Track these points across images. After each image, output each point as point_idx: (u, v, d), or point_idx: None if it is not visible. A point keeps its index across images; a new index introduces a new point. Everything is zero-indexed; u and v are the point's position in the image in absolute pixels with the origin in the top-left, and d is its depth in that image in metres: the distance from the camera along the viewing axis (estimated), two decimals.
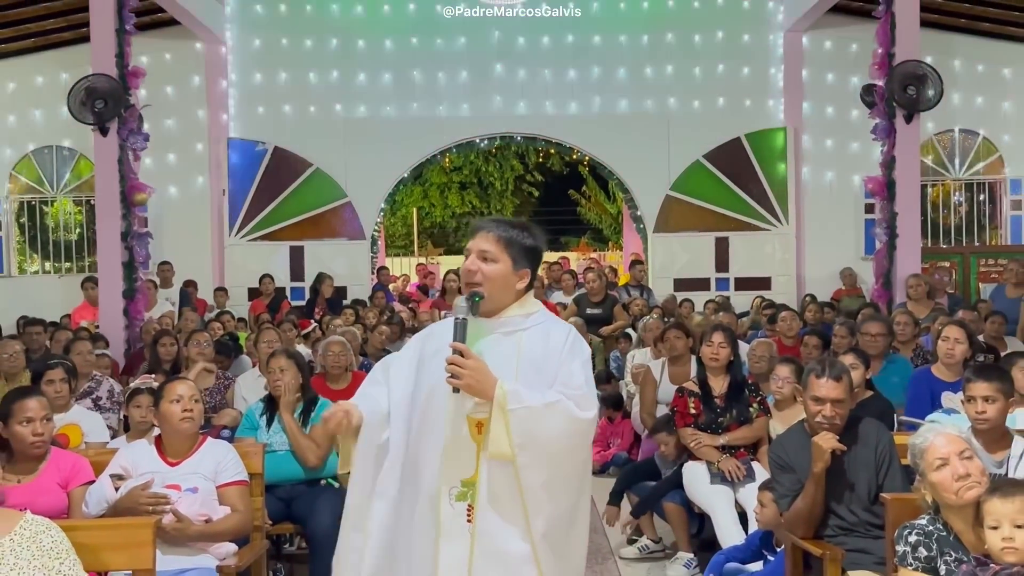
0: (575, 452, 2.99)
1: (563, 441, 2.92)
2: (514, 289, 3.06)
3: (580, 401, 2.93)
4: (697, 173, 13.93)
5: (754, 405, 6.07)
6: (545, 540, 2.91)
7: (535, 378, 2.96)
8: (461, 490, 2.92)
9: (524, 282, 3.08)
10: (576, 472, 3.03)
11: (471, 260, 3.04)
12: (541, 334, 3.06)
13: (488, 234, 3.04)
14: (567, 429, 2.91)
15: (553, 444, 2.90)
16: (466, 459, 2.93)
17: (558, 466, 2.93)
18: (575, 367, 3.00)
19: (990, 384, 4.10)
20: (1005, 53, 14.01)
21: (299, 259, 13.80)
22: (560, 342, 3.04)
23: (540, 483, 2.89)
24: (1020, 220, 14.43)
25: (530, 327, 3.07)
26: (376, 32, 13.88)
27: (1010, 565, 2.91)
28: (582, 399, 2.94)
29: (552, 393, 2.92)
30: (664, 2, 13.97)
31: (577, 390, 2.95)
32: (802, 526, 4.13)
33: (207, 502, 4.05)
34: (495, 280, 3.00)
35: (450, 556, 2.90)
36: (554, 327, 3.12)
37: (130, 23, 10.04)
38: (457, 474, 2.93)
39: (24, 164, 14.12)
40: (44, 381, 5.55)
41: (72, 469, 4.15)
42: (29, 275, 14.52)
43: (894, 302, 9.80)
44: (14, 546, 2.87)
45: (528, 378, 2.96)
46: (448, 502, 2.92)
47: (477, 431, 2.92)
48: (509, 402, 2.84)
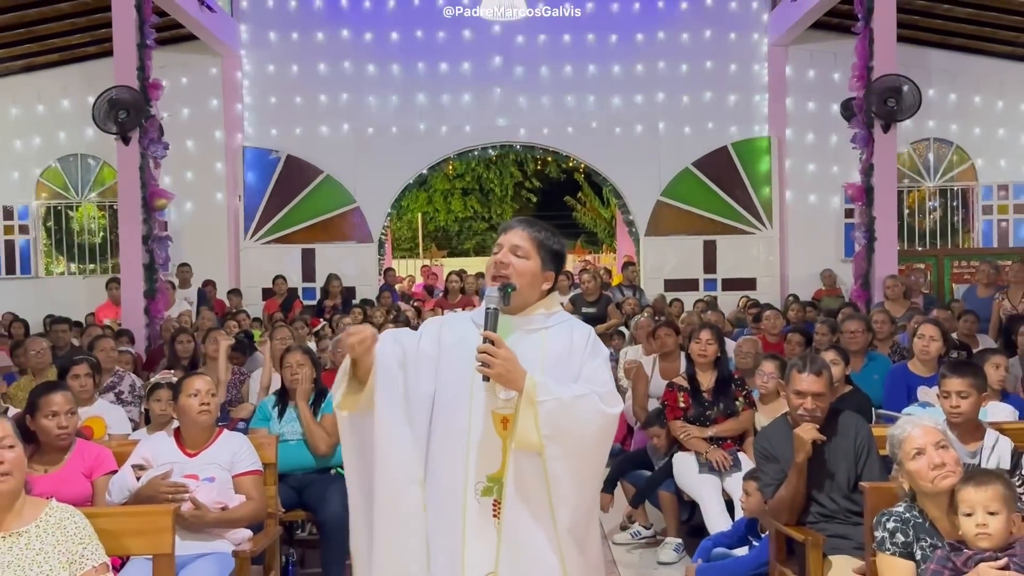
0: (600, 446, 2.91)
1: (590, 435, 2.83)
2: (540, 288, 2.95)
3: (606, 397, 2.85)
4: (686, 180, 13.93)
5: (740, 399, 6.08)
6: (569, 533, 2.81)
7: (559, 374, 2.85)
8: (487, 485, 2.80)
9: (549, 283, 2.98)
10: (599, 466, 2.98)
11: (503, 253, 2.89)
12: (564, 332, 2.95)
13: (522, 231, 2.93)
14: (594, 423, 2.82)
15: (580, 437, 2.80)
16: (492, 454, 2.81)
17: (584, 459, 2.83)
18: (598, 365, 2.92)
19: (964, 380, 4.12)
20: (977, 67, 14.01)
21: (310, 261, 13.79)
22: (583, 341, 2.95)
23: (567, 475, 2.78)
24: (991, 224, 14.44)
25: (553, 326, 2.96)
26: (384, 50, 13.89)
27: (983, 550, 2.91)
28: (608, 395, 2.86)
29: (580, 387, 2.82)
30: (654, 9, 13.98)
31: (603, 387, 2.86)
32: (785, 513, 4.13)
33: (223, 491, 4.05)
34: (525, 276, 2.89)
35: (477, 552, 2.77)
36: (576, 327, 3.02)
37: (150, 38, 10.06)
38: (483, 469, 2.80)
39: (51, 171, 14.11)
40: (70, 376, 5.54)
41: (96, 459, 4.15)
42: (55, 276, 14.52)
43: (872, 302, 9.80)
44: (40, 532, 2.86)
45: (552, 374, 2.84)
46: (474, 497, 2.79)
47: (502, 427, 2.80)
48: (539, 394, 2.72)
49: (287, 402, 5.50)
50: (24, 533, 2.84)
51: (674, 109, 14.00)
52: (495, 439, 2.80)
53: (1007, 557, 2.87)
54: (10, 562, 2.78)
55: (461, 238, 29.58)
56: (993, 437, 4.15)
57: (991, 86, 14.08)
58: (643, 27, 13.96)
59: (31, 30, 12.57)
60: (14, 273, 14.15)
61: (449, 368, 2.88)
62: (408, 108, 13.94)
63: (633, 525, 6.35)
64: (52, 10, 12.08)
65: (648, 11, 13.97)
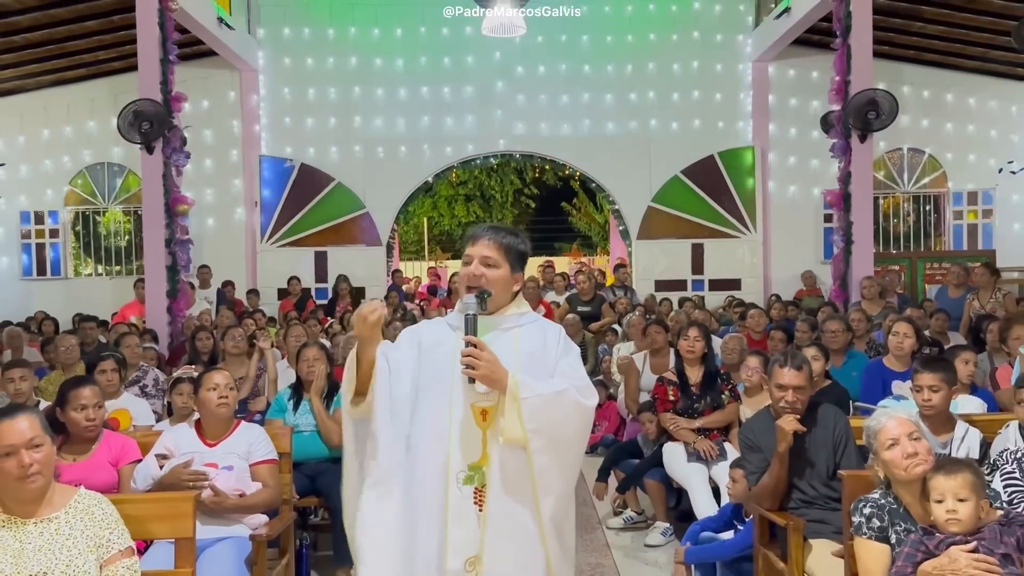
0: (580, 437, 2.91)
1: (570, 427, 2.84)
2: (511, 291, 2.97)
3: (583, 390, 2.86)
4: (675, 187, 13.94)
5: (726, 392, 6.08)
6: (551, 521, 2.83)
7: (535, 370, 2.86)
8: (468, 474, 2.78)
9: (519, 284, 3.01)
10: (578, 457, 2.94)
11: (475, 266, 2.92)
12: (537, 331, 2.97)
13: (490, 241, 2.94)
14: (574, 415, 2.83)
15: (562, 429, 2.81)
16: (472, 445, 2.80)
17: (566, 449, 2.84)
18: (573, 361, 2.94)
19: (936, 375, 4.12)
20: (948, 80, 14.02)
21: (323, 263, 13.79)
22: (556, 339, 2.96)
23: (551, 466, 2.79)
24: (962, 228, 14.45)
25: (525, 324, 2.97)
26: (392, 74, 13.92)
27: (954, 534, 2.91)
28: (584, 388, 2.87)
29: (559, 381, 2.83)
30: (646, 36, 13.98)
31: (580, 380, 2.88)
32: (768, 499, 4.13)
33: (241, 478, 4.05)
34: (497, 283, 2.91)
35: (459, 536, 2.77)
36: (548, 326, 3.04)
37: (173, 54, 10.07)
38: (465, 459, 2.79)
39: (79, 178, 14.13)
40: (97, 371, 5.56)
41: (122, 449, 4.15)
42: (83, 277, 14.51)
43: (850, 301, 9.80)
44: (69, 518, 2.86)
45: (529, 369, 2.84)
46: (456, 485, 2.77)
47: (482, 418, 2.80)
48: (522, 391, 2.73)
49: (302, 395, 5.52)
50: (55, 519, 2.84)
51: (664, 120, 14.02)
52: (475, 431, 2.81)
53: (976, 541, 2.87)
54: (41, 546, 2.78)
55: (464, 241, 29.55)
56: (963, 428, 4.16)
57: (961, 98, 14.10)
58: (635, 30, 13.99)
59: (61, 46, 12.58)
60: (45, 274, 14.18)
61: (430, 368, 2.89)
62: (414, 130, 13.97)
63: (625, 511, 6.36)
64: (80, 28, 12.09)
65: (640, 15, 13.99)
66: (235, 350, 7.12)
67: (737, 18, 14.06)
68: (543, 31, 13.77)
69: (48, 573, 2.74)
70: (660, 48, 13.98)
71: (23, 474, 2.78)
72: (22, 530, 2.80)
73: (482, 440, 2.80)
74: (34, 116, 13.88)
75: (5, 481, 2.80)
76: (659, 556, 5.72)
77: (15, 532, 2.79)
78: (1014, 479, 3.25)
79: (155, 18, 9.84)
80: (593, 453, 8.41)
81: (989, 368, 6.16)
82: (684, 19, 14.00)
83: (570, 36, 13.93)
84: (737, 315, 9.75)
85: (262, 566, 3.84)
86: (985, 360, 6.38)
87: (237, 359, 7.09)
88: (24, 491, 2.81)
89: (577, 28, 13.92)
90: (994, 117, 14.15)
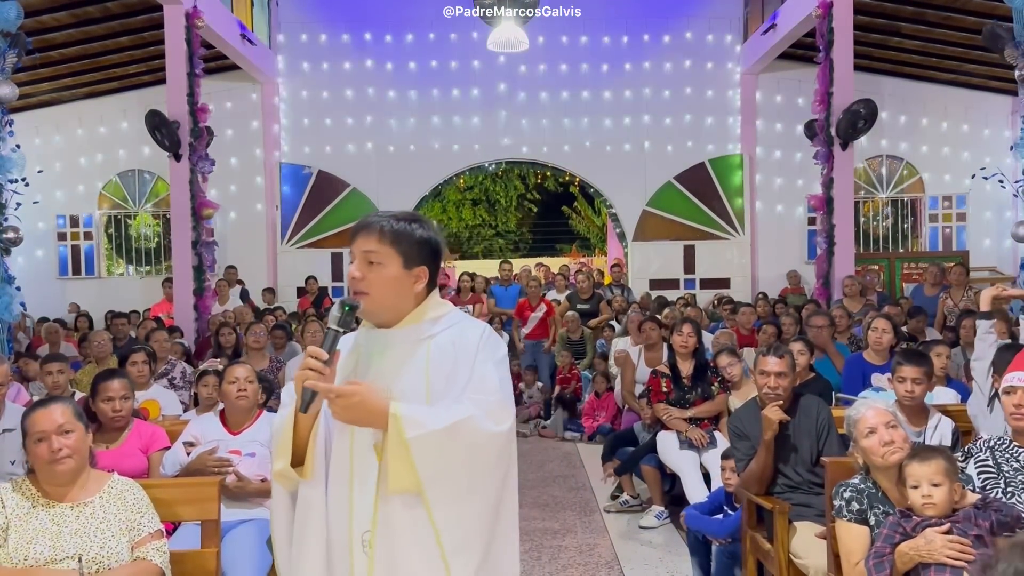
0: (496, 470, 2.08)
1: (480, 463, 2.04)
2: (411, 292, 2.15)
3: (493, 410, 2.06)
4: (669, 192, 13.92)
5: (715, 384, 6.09)
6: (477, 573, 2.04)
7: (447, 390, 2.09)
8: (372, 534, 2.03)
9: (422, 282, 2.16)
10: (501, 499, 2.10)
11: (355, 265, 2.13)
12: (451, 338, 2.16)
13: (369, 233, 2.12)
14: (483, 449, 2.04)
15: (470, 469, 2.02)
16: None
17: (480, 495, 2.05)
18: (488, 369, 2.12)
19: (917, 368, 4.14)
20: (925, 92, 13.99)
21: (339, 263, 13.79)
22: (472, 343, 2.16)
23: (461, 520, 2.01)
24: (937, 231, 14.42)
25: (438, 332, 2.17)
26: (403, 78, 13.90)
27: (929, 517, 2.91)
28: (496, 407, 2.07)
29: (458, 408, 2.03)
30: (640, 64, 13.97)
31: (491, 395, 2.08)
32: (755, 485, 4.13)
33: (263, 464, 4.04)
34: (384, 286, 2.10)
35: None
36: (468, 328, 2.21)
37: (199, 68, 10.09)
38: (367, 515, 2.03)
39: (111, 184, 14.16)
40: (128, 363, 5.58)
41: (151, 437, 4.16)
42: (115, 276, 14.54)
43: (832, 299, 9.78)
44: (103, 502, 2.87)
45: (438, 392, 2.09)
46: (362, 550, 2.03)
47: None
48: (407, 428, 1.95)
49: None
50: (89, 503, 2.85)
51: (658, 129, 13.99)
52: None
53: (950, 523, 2.87)
54: (77, 529, 2.79)
55: (471, 243, 29.57)
56: (936, 418, 4.16)
57: (937, 109, 14.07)
58: (631, 58, 13.95)
59: (95, 61, 12.61)
60: (80, 274, 14.20)
61: None
62: (424, 129, 13.94)
63: (622, 495, 6.37)
64: (113, 43, 12.11)
65: (635, 44, 13.95)
66: (256, 345, 7.14)
67: (725, 46, 14.02)
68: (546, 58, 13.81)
69: (83, 554, 2.75)
70: (655, 54, 13.96)
71: (53, 458, 2.79)
72: (59, 513, 2.81)
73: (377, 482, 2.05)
74: (70, 125, 13.92)
75: (39, 465, 2.83)
76: (654, 537, 5.73)
77: (53, 515, 2.80)
78: (987, 466, 3.24)
79: (182, 35, 9.88)
80: (592, 440, 8.44)
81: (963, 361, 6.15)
82: (676, 48, 13.97)
83: (571, 65, 13.93)
84: (726, 312, 9.73)
85: None
86: (959, 354, 6.37)
87: (258, 353, 7.11)
88: (56, 474, 2.81)
89: (578, 56, 13.92)
90: (967, 126, 14.12)
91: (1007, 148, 10.68)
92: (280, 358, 7.54)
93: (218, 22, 10.85)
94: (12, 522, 2.76)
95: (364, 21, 13.84)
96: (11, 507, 2.79)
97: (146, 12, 11.01)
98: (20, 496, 2.82)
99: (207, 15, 10.22)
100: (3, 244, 5.97)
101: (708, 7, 13.92)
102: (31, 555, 2.72)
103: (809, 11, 10.45)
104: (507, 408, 2.12)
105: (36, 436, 2.81)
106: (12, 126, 6.16)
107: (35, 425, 2.83)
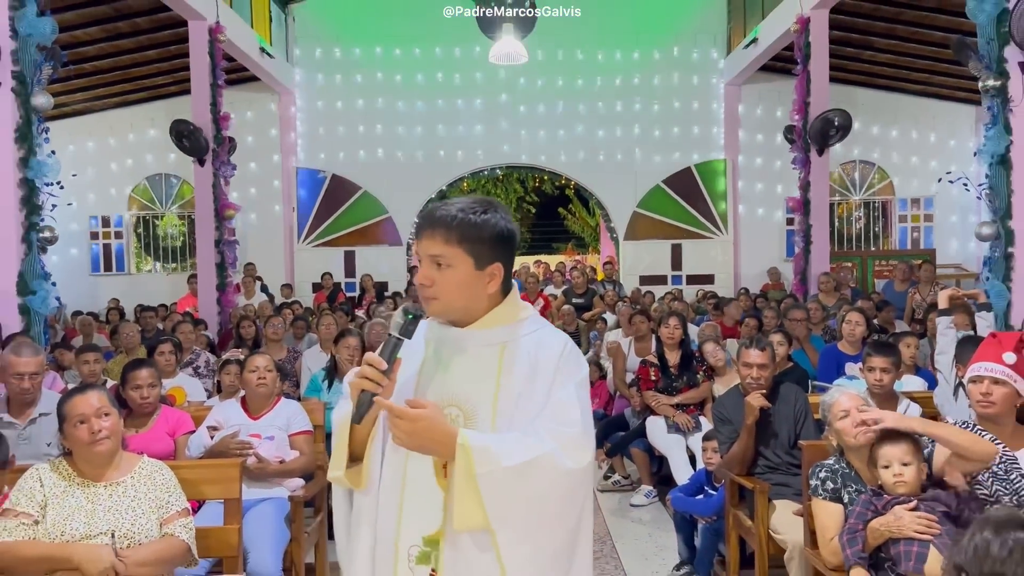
0: (570, 510, 1.75)
1: (553, 505, 1.72)
2: (484, 293, 1.80)
3: (572, 444, 1.73)
4: (657, 195, 13.92)
5: (700, 373, 6.09)
6: None
7: (520, 407, 1.76)
8: (423, 550, 1.74)
9: (496, 281, 1.81)
10: (573, 528, 1.77)
11: (423, 270, 1.79)
12: (529, 348, 1.81)
13: (436, 234, 1.76)
14: (556, 488, 1.71)
15: (542, 511, 1.71)
16: (430, 510, 1.75)
17: (550, 534, 1.73)
18: (569, 395, 1.77)
19: (886, 358, 4.14)
20: (895, 102, 13.98)
21: (351, 261, 13.81)
22: (553, 359, 1.80)
23: (531, 560, 1.70)
24: (906, 231, 14.44)
25: (515, 339, 1.82)
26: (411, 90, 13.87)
27: (900, 495, 2.92)
28: (576, 441, 1.74)
29: (534, 442, 1.70)
30: (631, 77, 13.95)
31: (571, 427, 1.74)
32: (738, 466, 4.14)
33: (281, 447, 4.05)
34: (454, 290, 1.77)
35: None
36: (548, 339, 1.84)
37: (221, 79, 10.09)
38: (418, 529, 1.75)
39: (140, 187, 14.16)
40: (156, 353, 5.58)
41: (178, 422, 4.16)
42: (144, 273, 14.53)
43: (809, 293, 9.79)
44: (135, 482, 2.88)
45: (506, 405, 1.77)
46: (407, 565, 1.75)
47: (443, 474, 1.74)
48: (477, 464, 1.65)
49: (335, 376, 5.52)
50: (122, 483, 2.85)
51: (647, 139, 13.98)
52: (435, 492, 1.75)
53: (917, 501, 2.88)
54: (109, 507, 2.79)
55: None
56: (905, 404, 4.17)
57: (906, 118, 14.06)
58: (623, 72, 13.95)
59: (124, 72, 12.60)
60: (111, 270, 14.21)
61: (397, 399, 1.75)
62: (430, 137, 13.92)
63: (614, 475, 6.39)
64: (141, 56, 12.11)
65: (627, 59, 13.93)
66: (274, 336, 7.14)
67: (710, 60, 14.00)
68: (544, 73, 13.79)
69: (116, 530, 2.75)
70: (645, 68, 13.94)
71: (93, 439, 2.79)
72: (94, 492, 2.82)
73: (443, 505, 1.74)
74: (101, 133, 13.90)
75: (78, 446, 2.83)
76: (643, 515, 5.74)
77: (88, 494, 2.80)
78: None
79: (206, 48, 9.87)
80: None
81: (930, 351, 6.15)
82: (664, 63, 13.95)
83: (566, 80, 13.92)
84: (711, 306, 9.73)
85: (300, 523, 3.85)
86: (926, 345, 6.37)
87: (276, 344, 7.11)
88: (94, 454, 2.82)
89: (573, 71, 13.91)
90: (935, 135, 14.11)
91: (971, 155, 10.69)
92: (298, 348, 7.55)
93: (239, 37, 10.83)
94: (50, 500, 2.77)
95: (375, 37, 13.82)
96: (49, 486, 2.80)
97: (172, 27, 10.99)
98: (57, 476, 2.83)
99: (228, 30, 10.22)
100: (40, 243, 5.96)
101: (693, 24, 13.92)
102: (67, 531, 2.72)
103: (788, 26, 10.44)
104: (588, 442, 1.77)
105: (77, 419, 2.81)
106: (48, 133, 6.13)
107: (75, 409, 2.83)
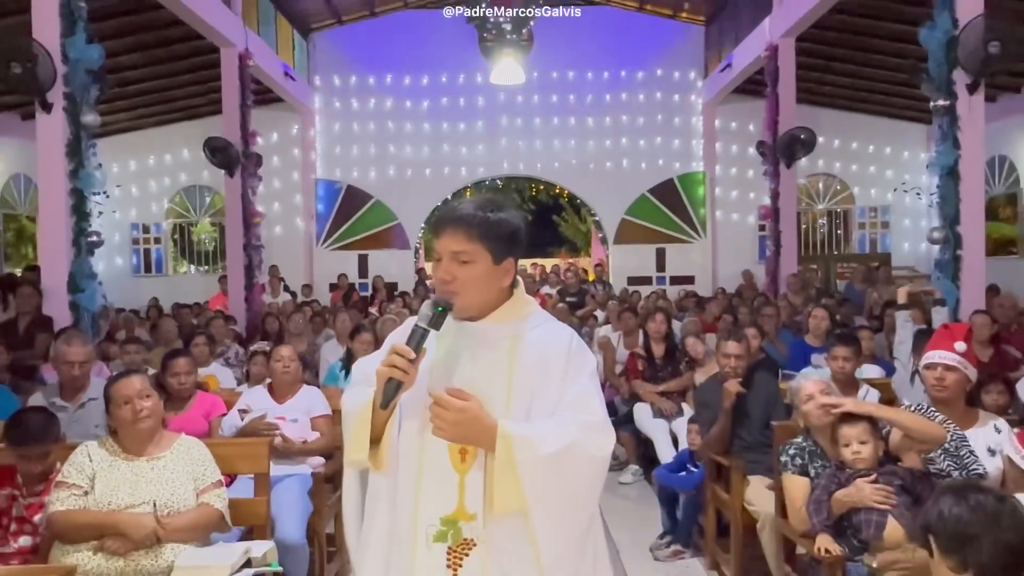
0: (593, 494, 1.74)
1: (581, 485, 1.70)
2: (500, 287, 1.74)
3: (597, 432, 1.71)
4: (643, 203, 13.92)
5: (683, 364, 6.09)
6: None
7: (529, 399, 1.71)
8: (440, 529, 1.67)
9: (510, 275, 1.75)
10: (593, 511, 1.77)
11: (444, 266, 1.70)
12: (538, 340, 1.76)
13: (456, 231, 1.69)
14: (586, 472, 1.70)
15: (572, 491, 1.69)
16: (446, 493, 1.68)
17: (577, 513, 1.72)
18: (584, 386, 1.73)
19: (847, 348, 4.17)
20: (856, 121, 13.96)
21: (364, 263, 13.82)
22: (563, 352, 1.75)
23: (559, 535, 1.68)
24: (865, 236, 14.46)
25: (525, 332, 1.76)
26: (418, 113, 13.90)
27: (859, 470, 2.94)
28: (599, 430, 1.71)
29: (565, 431, 1.66)
30: (619, 96, 13.97)
31: (593, 416, 1.71)
32: (717, 445, 4.16)
33: (304, 429, 4.06)
34: (475, 285, 1.70)
35: None
36: (555, 331, 1.80)
37: (250, 100, 10.09)
38: (435, 510, 1.68)
39: (176, 197, 14.17)
40: (192, 344, 5.58)
41: (212, 405, 4.18)
42: (180, 274, 14.55)
43: (779, 292, 9.80)
44: (174, 457, 2.89)
45: (521, 399, 1.70)
46: (425, 544, 1.68)
47: (460, 459, 1.69)
48: (517, 452, 1.62)
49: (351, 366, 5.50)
50: (162, 458, 2.87)
51: (634, 150, 13.99)
52: (451, 475, 1.69)
53: (876, 474, 2.90)
54: (152, 479, 2.81)
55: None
56: (865, 389, 4.19)
57: (865, 135, 14.07)
58: (611, 90, 13.97)
59: (162, 95, 12.61)
60: (151, 272, 14.23)
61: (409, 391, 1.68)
62: (437, 156, 13.94)
63: None
64: (177, 81, 12.13)
65: (615, 79, 13.95)
66: (296, 330, 7.15)
67: (689, 81, 14.05)
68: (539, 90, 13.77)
69: (157, 500, 2.77)
70: (632, 87, 13.96)
71: (136, 417, 2.81)
72: (137, 466, 2.83)
73: (458, 486, 1.68)
74: (142, 149, 13.89)
75: (123, 425, 2.84)
76: (630, 491, 5.76)
77: (132, 467, 2.82)
78: None
79: (236, 72, 9.87)
80: None
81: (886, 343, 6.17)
82: (649, 82, 13.98)
83: (560, 96, 13.93)
84: (692, 304, 9.73)
85: (322, 497, 3.86)
86: (882, 338, 6.40)
87: (298, 338, 7.10)
88: (137, 431, 2.83)
89: (566, 88, 13.91)
90: (890, 149, 14.12)
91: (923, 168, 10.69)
92: (316, 341, 7.55)
93: (265, 62, 10.84)
94: (98, 473, 2.79)
95: (387, 66, 13.83)
96: (97, 461, 2.82)
97: (205, 53, 10.98)
98: (105, 452, 2.85)
99: (256, 56, 10.23)
100: (87, 246, 5.97)
101: (675, 49, 13.94)
102: (114, 501, 2.74)
103: (759, 53, 10.47)
104: (609, 431, 1.74)
105: (121, 400, 2.83)
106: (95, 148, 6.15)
107: (120, 391, 2.84)
